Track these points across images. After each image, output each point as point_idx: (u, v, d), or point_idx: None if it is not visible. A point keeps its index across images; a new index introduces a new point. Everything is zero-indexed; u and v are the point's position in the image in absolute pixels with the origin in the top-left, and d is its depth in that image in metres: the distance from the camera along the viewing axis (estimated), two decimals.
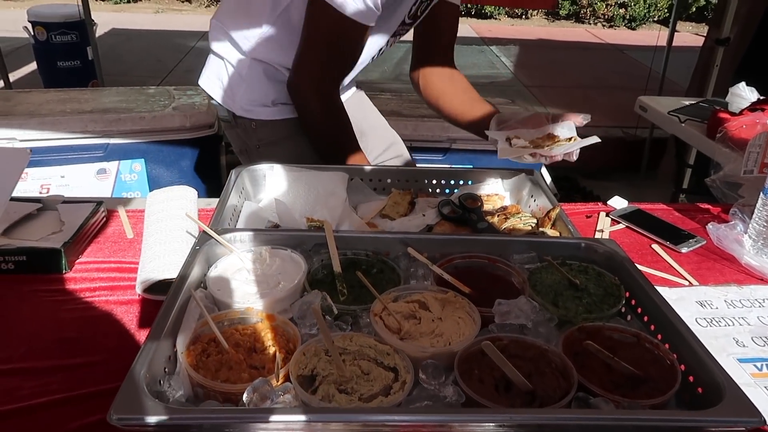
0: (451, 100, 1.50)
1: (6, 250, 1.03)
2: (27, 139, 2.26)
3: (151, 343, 0.70)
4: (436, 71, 1.54)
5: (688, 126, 2.09)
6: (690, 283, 1.12)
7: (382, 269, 0.94)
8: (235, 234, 0.96)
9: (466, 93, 1.50)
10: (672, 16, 4.14)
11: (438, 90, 1.53)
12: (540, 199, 1.28)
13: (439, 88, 1.52)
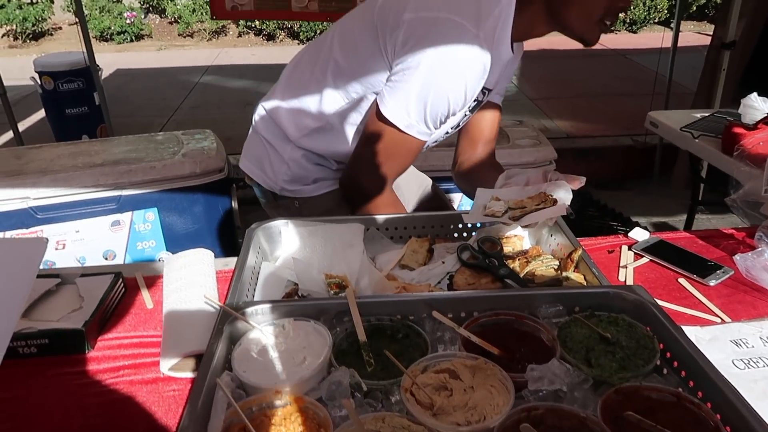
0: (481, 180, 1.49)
1: (28, 334, 1.03)
2: (40, 197, 2.28)
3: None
4: (476, 164, 1.55)
5: (702, 142, 2.06)
6: (722, 320, 1.09)
7: (408, 334, 0.93)
8: (257, 307, 0.95)
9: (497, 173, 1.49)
10: (675, 17, 4.12)
11: (474, 177, 1.53)
12: (559, 237, 1.26)
13: (475, 176, 1.52)
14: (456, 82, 1.20)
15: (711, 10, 8.91)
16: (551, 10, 1.24)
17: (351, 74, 1.32)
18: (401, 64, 1.21)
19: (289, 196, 1.49)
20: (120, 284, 1.20)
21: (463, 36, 1.17)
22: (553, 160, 2.55)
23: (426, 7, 1.21)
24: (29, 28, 8.61)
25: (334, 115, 1.37)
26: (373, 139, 1.30)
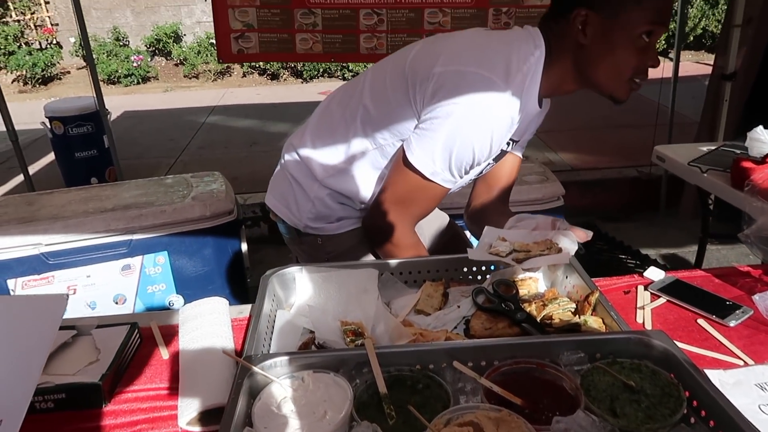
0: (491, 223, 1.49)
1: (45, 389, 1.02)
2: (52, 243, 2.29)
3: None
4: (488, 208, 1.57)
5: (711, 176, 2.07)
6: (745, 362, 1.08)
7: (429, 384, 0.92)
8: (275, 360, 0.94)
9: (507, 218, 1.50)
10: (675, 48, 4.17)
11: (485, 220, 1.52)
12: (574, 279, 1.25)
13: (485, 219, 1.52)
14: (482, 132, 1.23)
15: (708, 40, 9.04)
16: (580, 69, 1.27)
17: (380, 122, 1.35)
18: (429, 113, 1.25)
19: (312, 233, 1.52)
20: (136, 335, 1.19)
21: (491, 88, 1.20)
22: (561, 196, 2.56)
23: (456, 61, 1.24)
24: (38, 73, 8.79)
25: (360, 159, 1.40)
26: (397, 184, 1.33)
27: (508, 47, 1.26)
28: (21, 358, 0.83)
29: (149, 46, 9.41)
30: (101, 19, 9.45)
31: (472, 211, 1.62)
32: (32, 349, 0.84)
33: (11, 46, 8.89)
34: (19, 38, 9.12)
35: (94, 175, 4.31)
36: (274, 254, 1.20)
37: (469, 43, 1.30)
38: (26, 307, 0.89)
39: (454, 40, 1.34)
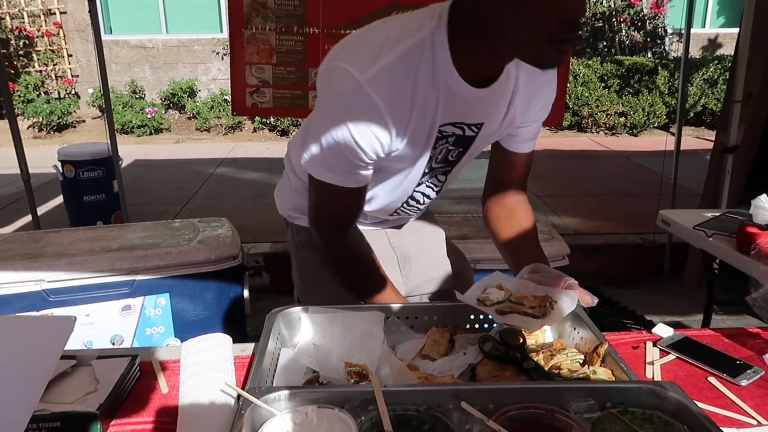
0: (503, 233, 1.48)
1: (40, 416, 0.99)
2: (55, 280, 2.29)
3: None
4: (501, 203, 1.50)
5: (716, 240, 2.08)
6: (758, 422, 1.05)
7: (435, 426, 0.89)
8: (278, 393, 0.92)
9: (519, 230, 1.46)
10: (677, 122, 4.28)
11: (495, 220, 1.50)
12: (583, 330, 1.24)
13: (496, 219, 1.49)
14: (339, 128, 1.14)
15: (708, 117, 9.27)
16: (491, 35, 1.07)
17: None
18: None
19: (292, 222, 1.60)
20: (136, 367, 1.17)
21: (346, 82, 1.11)
22: (566, 255, 2.56)
23: (329, 58, 1.18)
24: (54, 120, 9.01)
25: None
26: (310, 193, 1.33)
27: (392, 28, 1.16)
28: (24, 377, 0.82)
29: (164, 99, 9.68)
30: (120, 73, 9.78)
31: (486, 198, 1.53)
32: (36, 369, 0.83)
33: (31, 95, 9.16)
34: (39, 87, 9.40)
35: (100, 219, 4.34)
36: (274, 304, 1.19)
37: (356, 35, 1.21)
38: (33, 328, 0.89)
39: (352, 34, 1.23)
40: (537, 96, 1.31)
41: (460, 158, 1.37)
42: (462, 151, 1.35)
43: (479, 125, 1.28)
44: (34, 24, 9.52)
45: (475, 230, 2.67)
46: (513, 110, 1.29)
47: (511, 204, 1.48)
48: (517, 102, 1.28)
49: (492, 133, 1.34)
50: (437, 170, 1.39)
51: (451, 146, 1.33)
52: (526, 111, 1.32)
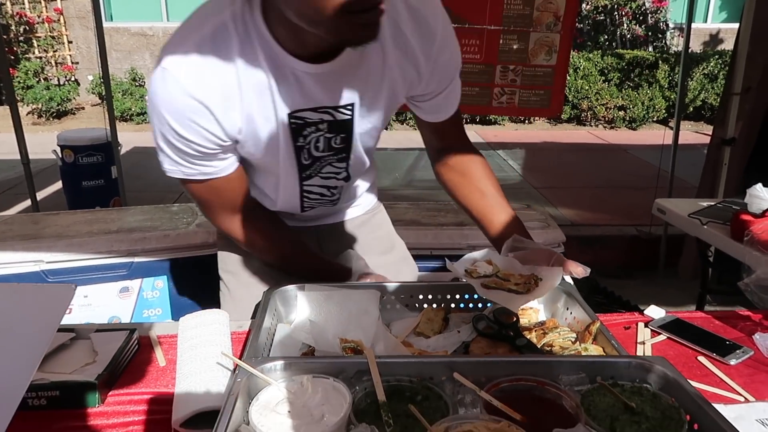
0: (466, 200, 1.40)
1: (39, 385, 1.01)
2: (53, 261, 2.30)
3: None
4: (450, 167, 1.41)
5: (711, 228, 2.10)
6: (745, 399, 1.07)
7: (428, 396, 0.91)
8: (275, 363, 0.94)
9: (480, 194, 1.39)
10: (675, 115, 4.30)
11: (453, 187, 1.42)
12: (576, 311, 1.25)
13: (453, 185, 1.42)
14: (159, 120, 1.10)
15: (707, 112, 9.27)
16: (288, 13, 0.98)
17: None
18: None
19: None
20: (134, 341, 1.19)
21: (156, 76, 1.07)
22: (561, 243, 2.57)
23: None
24: (54, 107, 8.99)
25: None
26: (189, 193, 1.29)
27: (196, 14, 1.10)
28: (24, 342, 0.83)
29: None
30: (120, 60, 9.75)
31: (434, 164, 1.46)
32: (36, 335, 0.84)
33: (30, 81, 9.13)
34: (39, 74, 9.37)
35: (99, 205, 4.34)
36: None
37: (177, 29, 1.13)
38: (33, 295, 0.90)
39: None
40: (431, 61, 1.17)
41: (349, 143, 1.25)
42: (346, 136, 1.23)
43: (349, 106, 1.17)
44: (34, 10, 9.47)
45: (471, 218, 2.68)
46: (392, 84, 1.17)
47: (461, 166, 1.39)
48: (396, 75, 1.16)
49: (378, 111, 1.22)
50: (327, 159, 1.27)
51: (328, 133, 1.21)
52: (421, 82, 1.20)
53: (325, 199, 1.40)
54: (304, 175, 1.29)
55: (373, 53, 1.12)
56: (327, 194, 1.39)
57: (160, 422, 0.98)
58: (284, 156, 1.23)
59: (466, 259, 1.25)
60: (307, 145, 1.22)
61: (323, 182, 1.34)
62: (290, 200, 1.37)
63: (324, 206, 1.44)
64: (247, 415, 0.85)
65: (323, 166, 1.30)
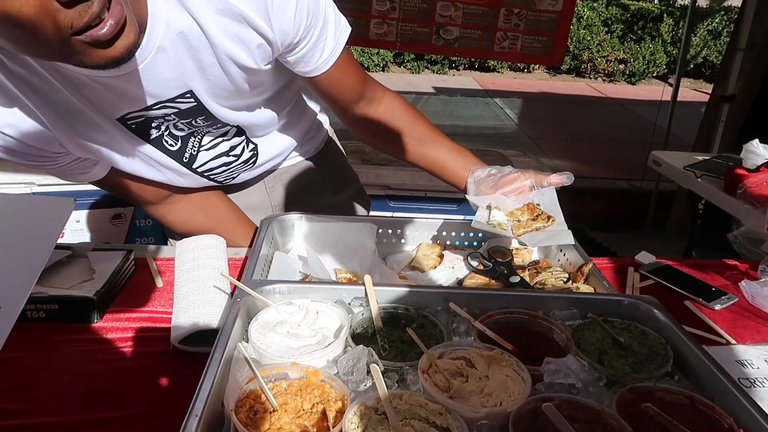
0: (408, 155, 1.31)
1: (38, 298, 1.02)
2: (44, 184, 2.27)
3: (201, 398, 0.68)
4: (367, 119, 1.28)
5: (705, 181, 2.11)
6: (727, 341, 1.11)
7: (423, 324, 0.93)
8: (274, 286, 0.95)
9: (412, 137, 1.29)
10: (677, 72, 4.25)
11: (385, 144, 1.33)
12: (570, 253, 1.27)
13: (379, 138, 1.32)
14: None
15: (708, 69, 9.18)
16: None
17: None
18: None
19: None
20: (131, 261, 1.19)
21: None
22: None
23: None
24: None
25: None
26: None
27: None
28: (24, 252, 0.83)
29: None
30: None
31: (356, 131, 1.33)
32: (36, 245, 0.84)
33: None
34: None
35: None
36: None
37: None
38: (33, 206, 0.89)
39: None
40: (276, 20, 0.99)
41: (212, 121, 1.12)
42: (207, 117, 1.10)
43: (187, 94, 1.03)
44: None
45: None
46: (232, 56, 1.00)
47: (381, 119, 1.27)
48: (232, 47, 0.99)
49: (232, 85, 1.06)
50: (198, 132, 1.16)
51: (182, 120, 1.09)
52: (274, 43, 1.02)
53: (234, 165, 1.27)
54: (184, 159, 1.18)
55: (189, 34, 0.95)
56: (233, 160, 1.25)
57: (158, 339, 1.00)
58: (148, 155, 1.13)
59: (481, 211, 1.22)
60: (165, 133, 1.12)
61: (213, 153, 1.21)
62: (198, 181, 1.26)
63: (245, 170, 1.32)
64: (246, 333, 0.87)
65: (199, 142, 1.17)
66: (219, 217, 1.37)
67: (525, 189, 1.24)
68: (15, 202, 0.88)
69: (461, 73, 9.13)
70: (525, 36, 3.82)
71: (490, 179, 1.26)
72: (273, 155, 1.36)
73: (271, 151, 1.35)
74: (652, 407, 0.73)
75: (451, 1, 3.77)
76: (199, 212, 1.35)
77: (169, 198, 1.30)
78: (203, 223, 1.34)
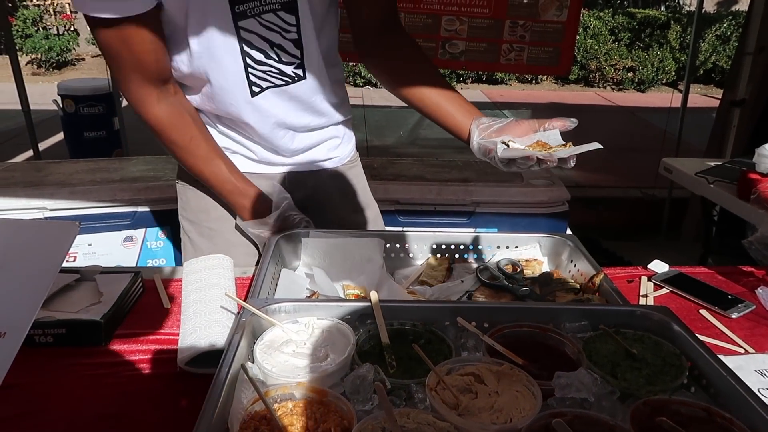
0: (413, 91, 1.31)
1: (46, 323, 1.02)
2: (57, 209, 2.30)
3: (205, 421, 0.67)
4: (389, 50, 1.32)
5: (718, 187, 2.08)
6: (745, 350, 1.08)
7: (431, 340, 0.92)
8: (279, 305, 0.94)
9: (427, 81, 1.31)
10: (686, 78, 4.22)
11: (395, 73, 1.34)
12: (580, 263, 1.25)
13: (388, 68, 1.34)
14: None
15: (717, 74, 9.12)
16: None
17: None
18: None
19: None
20: (139, 283, 1.19)
21: None
22: (566, 201, 2.57)
23: None
24: (53, 57, 8.86)
25: None
26: (103, 54, 1.15)
27: None
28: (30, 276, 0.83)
29: None
30: None
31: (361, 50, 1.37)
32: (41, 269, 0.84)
33: (29, 30, 8.97)
34: (37, 22, 9.20)
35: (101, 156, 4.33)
36: None
37: None
38: (38, 231, 0.89)
39: None
40: None
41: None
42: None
43: None
44: None
45: (475, 174, 2.67)
46: None
47: (395, 43, 1.32)
48: None
49: None
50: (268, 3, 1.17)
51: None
52: None
53: (273, 75, 1.25)
54: (237, 10, 1.15)
55: None
56: (274, 66, 1.24)
57: (165, 361, 0.99)
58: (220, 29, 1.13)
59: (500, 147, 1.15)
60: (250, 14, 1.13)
61: (265, 33, 1.19)
62: (230, 52, 1.19)
63: (275, 94, 1.27)
64: (252, 353, 0.86)
65: (263, 10, 1.17)
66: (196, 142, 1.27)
67: (530, 131, 1.19)
68: (20, 227, 0.88)
69: (469, 86, 9.15)
70: (531, 47, 3.82)
71: (495, 125, 1.21)
72: (314, 115, 1.34)
73: (313, 109, 1.33)
74: (668, 421, 0.71)
75: (455, 14, 3.78)
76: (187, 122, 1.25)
77: (170, 88, 1.22)
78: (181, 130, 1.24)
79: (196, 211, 1.42)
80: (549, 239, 1.32)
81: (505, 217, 2.51)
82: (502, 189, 2.52)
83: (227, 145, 1.35)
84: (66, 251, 0.88)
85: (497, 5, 3.68)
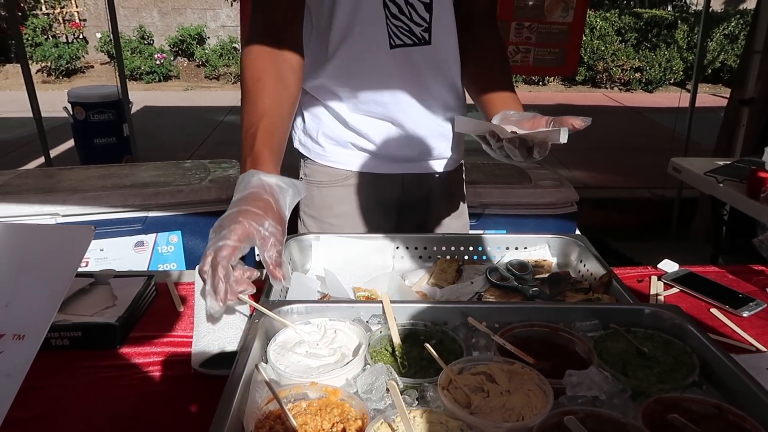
0: (473, 71, 1.41)
1: (62, 325, 1.04)
2: (69, 214, 2.32)
3: (221, 421, 0.69)
4: (471, 39, 1.40)
5: (727, 186, 2.07)
6: (757, 349, 1.08)
7: (442, 340, 0.92)
8: (291, 307, 0.95)
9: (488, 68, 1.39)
10: (693, 77, 4.21)
11: (466, 56, 1.41)
12: (590, 263, 1.26)
13: (468, 55, 1.41)
14: None
15: (726, 73, 9.07)
16: None
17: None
18: None
19: (301, 154, 1.48)
20: (152, 287, 1.21)
21: None
22: (574, 202, 2.57)
23: None
24: (63, 65, 8.95)
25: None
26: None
27: None
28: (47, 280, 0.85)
29: (173, 46, 9.56)
30: (128, 18, 9.64)
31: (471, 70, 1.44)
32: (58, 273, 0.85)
33: (38, 38, 9.07)
34: (47, 31, 9.30)
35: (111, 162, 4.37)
36: None
37: None
38: (54, 235, 0.91)
39: None
40: None
41: None
42: None
43: None
44: None
45: (484, 176, 2.67)
46: None
47: (487, 36, 1.39)
48: None
49: None
50: None
51: None
52: None
53: (404, 32, 1.30)
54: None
55: None
56: (406, 23, 1.29)
57: (179, 363, 1.01)
58: None
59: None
60: None
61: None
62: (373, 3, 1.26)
63: (405, 54, 1.32)
64: (265, 354, 0.87)
65: None
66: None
67: (541, 123, 1.18)
68: (36, 232, 0.90)
69: None
70: (537, 48, 3.82)
71: (514, 117, 1.22)
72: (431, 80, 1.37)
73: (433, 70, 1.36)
74: (680, 418, 0.72)
75: None
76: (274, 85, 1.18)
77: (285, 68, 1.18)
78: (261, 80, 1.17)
79: (320, 207, 1.48)
80: (558, 240, 1.32)
81: (514, 219, 2.51)
82: (510, 191, 2.53)
83: (354, 140, 1.40)
84: (82, 255, 0.90)
85: (503, 7, 3.68)
